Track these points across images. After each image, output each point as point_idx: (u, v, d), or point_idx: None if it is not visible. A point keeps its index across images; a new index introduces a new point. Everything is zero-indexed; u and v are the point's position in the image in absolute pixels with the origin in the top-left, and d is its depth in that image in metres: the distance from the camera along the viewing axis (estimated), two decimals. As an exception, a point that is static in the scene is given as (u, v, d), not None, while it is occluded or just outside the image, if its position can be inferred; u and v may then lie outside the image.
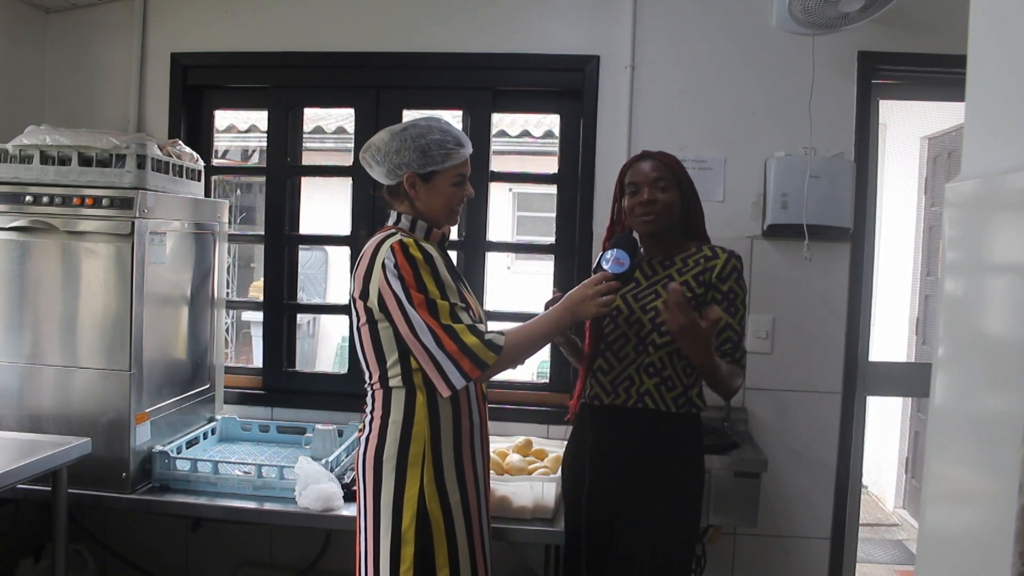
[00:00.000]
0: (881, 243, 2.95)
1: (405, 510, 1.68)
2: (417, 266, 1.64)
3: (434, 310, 1.62)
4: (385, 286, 1.64)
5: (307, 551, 2.71)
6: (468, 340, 1.60)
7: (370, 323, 1.70)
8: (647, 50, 2.62)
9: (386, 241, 1.69)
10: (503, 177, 2.94)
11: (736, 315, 1.83)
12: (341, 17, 2.74)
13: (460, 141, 1.75)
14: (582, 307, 1.69)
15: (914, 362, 4.13)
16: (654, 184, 1.84)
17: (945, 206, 0.86)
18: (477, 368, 1.60)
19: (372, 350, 1.71)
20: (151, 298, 2.26)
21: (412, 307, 1.62)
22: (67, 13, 2.86)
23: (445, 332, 1.60)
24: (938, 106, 4.00)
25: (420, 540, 1.67)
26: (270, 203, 2.89)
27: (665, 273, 1.88)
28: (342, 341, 5.77)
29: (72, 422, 2.20)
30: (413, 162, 1.72)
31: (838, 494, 2.62)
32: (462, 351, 1.60)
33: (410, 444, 1.69)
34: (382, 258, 1.66)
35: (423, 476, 1.68)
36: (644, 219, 1.85)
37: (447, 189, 1.76)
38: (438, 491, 1.70)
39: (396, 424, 1.70)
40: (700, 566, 2.44)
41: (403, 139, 1.73)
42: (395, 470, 1.68)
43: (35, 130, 2.29)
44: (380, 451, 1.70)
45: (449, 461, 1.72)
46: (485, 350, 1.61)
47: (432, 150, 1.71)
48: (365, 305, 1.69)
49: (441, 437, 1.71)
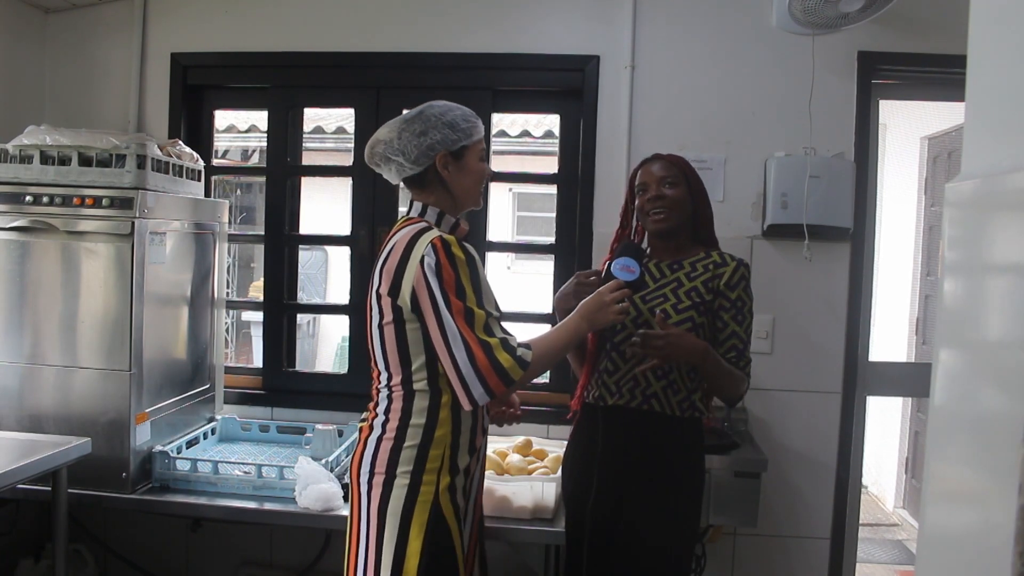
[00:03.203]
0: (881, 243, 2.95)
1: (416, 517, 1.62)
2: (459, 268, 1.57)
3: (471, 320, 1.55)
4: (422, 285, 1.57)
5: (307, 551, 2.71)
6: (501, 357, 1.54)
7: (396, 322, 1.62)
8: (647, 50, 2.62)
9: (423, 235, 1.60)
10: (503, 177, 2.95)
11: (742, 323, 1.84)
12: (341, 17, 2.74)
13: (476, 115, 1.75)
14: (599, 315, 1.68)
15: (914, 362, 4.12)
16: (661, 182, 1.86)
17: (945, 206, 0.86)
18: (504, 384, 1.55)
19: (396, 351, 1.64)
20: (151, 298, 2.25)
21: (450, 313, 1.55)
22: (67, 13, 2.86)
23: (480, 346, 1.54)
24: (938, 106, 4.00)
25: (430, 550, 1.62)
26: (270, 203, 2.88)
27: (673, 276, 1.88)
28: (342, 341, 5.77)
29: (72, 422, 2.20)
30: (446, 139, 1.67)
31: (838, 494, 2.62)
32: (493, 368, 1.54)
33: (430, 449, 1.63)
34: (420, 253, 1.58)
35: (439, 482, 1.64)
36: (655, 216, 1.87)
37: (477, 165, 1.73)
38: (452, 499, 1.66)
39: (417, 428, 1.63)
40: (700, 566, 2.44)
41: (426, 120, 1.67)
42: (410, 474, 1.62)
43: (35, 130, 2.28)
44: (395, 454, 1.64)
45: (464, 468, 1.68)
46: (516, 368, 1.55)
47: (459, 124, 1.69)
48: (394, 303, 1.60)
49: (460, 443, 1.67)
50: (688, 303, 1.83)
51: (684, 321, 1.81)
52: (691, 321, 1.82)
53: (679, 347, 1.73)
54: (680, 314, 1.82)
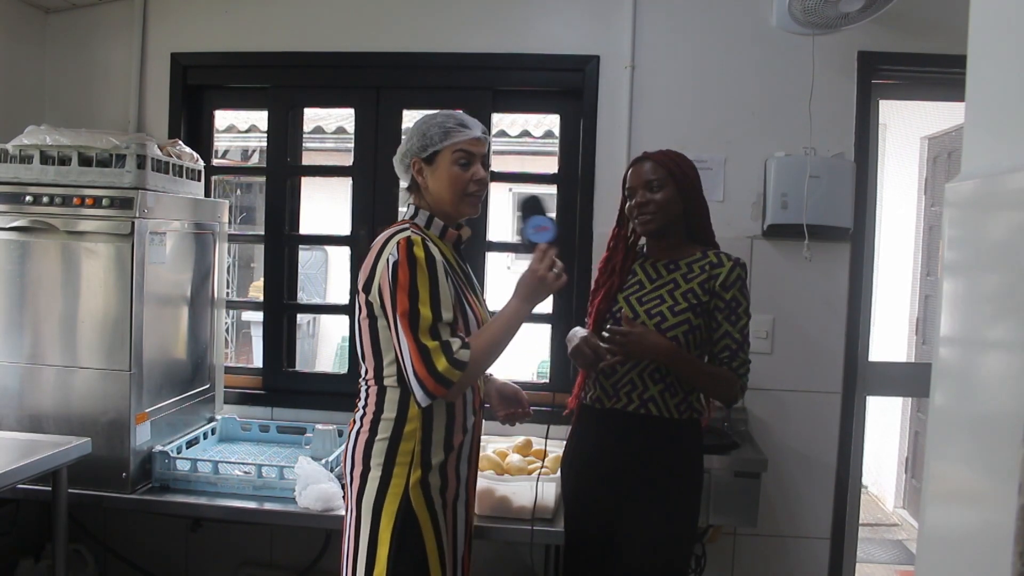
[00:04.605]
0: (881, 243, 2.95)
1: (386, 509, 1.67)
2: (415, 268, 1.61)
3: (415, 322, 1.60)
4: (385, 283, 1.63)
5: (307, 551, 2.71)
6: (437, 362, 1.58)
7: (370, 318, 1.69)
8: (647, 50, 2.62)
9: (396, 236, 1.67)
10: (503, 177, 2.95)
11: (736, 324, 1.83)
12: (341, 17, 2.74)
13: (463, 123, 1.76)
14: (539, 290, 1.69)
15: (914, 362, 4.12)
16: (647, 186, 1.86)
17: (945, 206, 0.86)
18: (442, 387, 1.59)
19: (370, 345, 1.71)
20: (151, 298, 2.25)
21: (395, 315, 1.61)
22: (67, 13, 2.86)
23: (418, 351, 1.59)
24: (938, 106, 4.00)
25: (398, 541, 1.65)
26: (270, 203, 2.88)
27: (670, 277, 1.88)
28: (342, 341, 5.77)
29: (72, 422, 2.20)
30: (414, 147, 1.75)
31: (838, 494, 2.62)
32: (428, 372, 1.58)
33: (400, 442, 1.68)
34: (387, 254, 1.65)
35: (409, 476, 1.67)
36: (641, 220, 1.88)
37: (449, 168, 1.74)
38: (423, 493, 1.68)
39: (388, 421, 1.68)
40: (700, 566, 2.44)
41: (410, 130, 1.79)
42: (382, 466, 1.68)
43: (35, 130, 2.28)
44: (369, 447, 1.69)
45: (438, 465, 1.71)
46: (451, 370, 1.58)
47: (431, 131, 1.74)
48: (367, 299, 1.68)
49: (433, 439, 1.70)
50: (684, 304, 1.83)
51: (681, 323, 1.81)
52: (688, 323, 1.81)
53: (641, 345, 1.75)
54: (677, 316, 1.82)
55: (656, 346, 1.76)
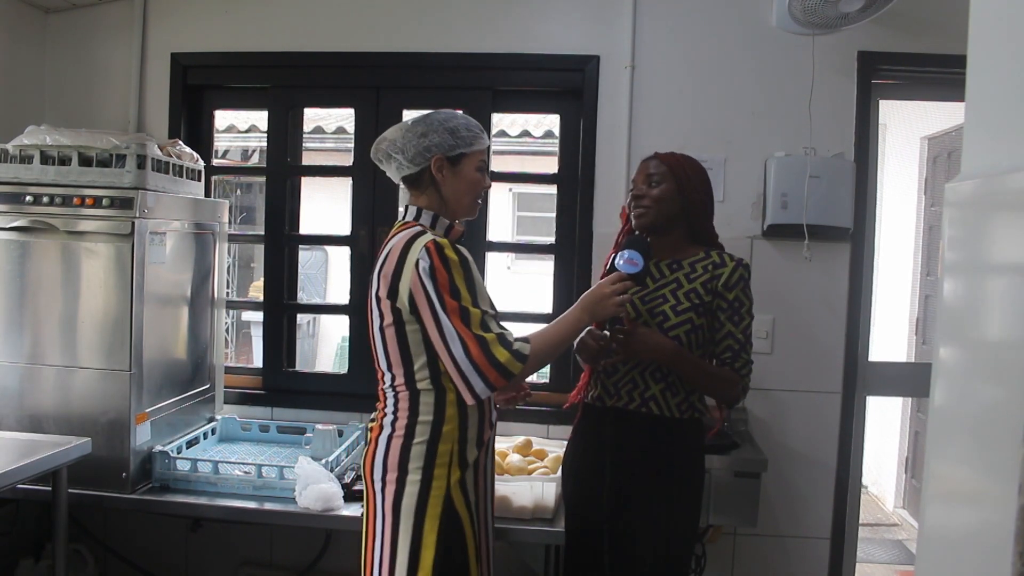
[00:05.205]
0: (881, 243, 2.95)
1: (429, 512, 1.65)
2: (452, 269, 1.61)
3: (466, 318, 1.59)
4: (418, 287, 1.61)
5: (307, 551, 2.71)
6: (498, 352, 1.58)
7: (397, 324, 1.66)
8: (647, 50, 2.62)
9: (418, 240, 1.65)
10: (503, 177, 2.94)
11: (739, 324, 1.84)
12: (341, 17, 2.74)
13: (482, 128, 1.78)
14: (600, 307, 1.70)
15: (914, 362, 4.12)
16: (647, 181, 1.89)
17: (945, 206, 0.86)
18: (503, 378, 1.59)
19: (398, 351, 1.68)
20: (151, 298, 2.25)
21: (445, 313, 1.59)
22: (67, 13, 2.86)
23: (476, 342, 1.58)
24: (938, 106, 4.01)
25: (445, 543, 1.65)
26: (270, 203, 2.88)
27: (673, 277, 1.88)
28: (342, 341, 5.77)
29: (72, 422, 2.20)
30: (443, 143, 1.71)
31: (838, 494, 2.62)
32: (490, 363, 1.58)
33: (439, 444, 1.67)
34: (415, 257, 1.62)
35: (450, 477, 1.67)
36: (636, 213, 1.90)
37: (473, 174, 1.75)
38: (463, 492, 1.69)
39: (425, 424, 1.67)
40: (700, 566, 2.44)
41: (429, 123, 1.73)
42: (421, 470, 1.66)
43: (35, 130, 2.28)
44: (406, 452, 1.67)
45: (473, 462, 1.72)
46: (513, 361, 1.59)
47: (460, 131, 1.73)
48: (393, 305, 1.65)
49: (468, 437, 1.70)
50: (687, 304, 1.83)
51: (683, 323, 1.81)
52: (690, 323, 1.81)
53: (643, 344, 1.76)
54: (679, 315, 1.82)
55: (658, 346, 1.77)
